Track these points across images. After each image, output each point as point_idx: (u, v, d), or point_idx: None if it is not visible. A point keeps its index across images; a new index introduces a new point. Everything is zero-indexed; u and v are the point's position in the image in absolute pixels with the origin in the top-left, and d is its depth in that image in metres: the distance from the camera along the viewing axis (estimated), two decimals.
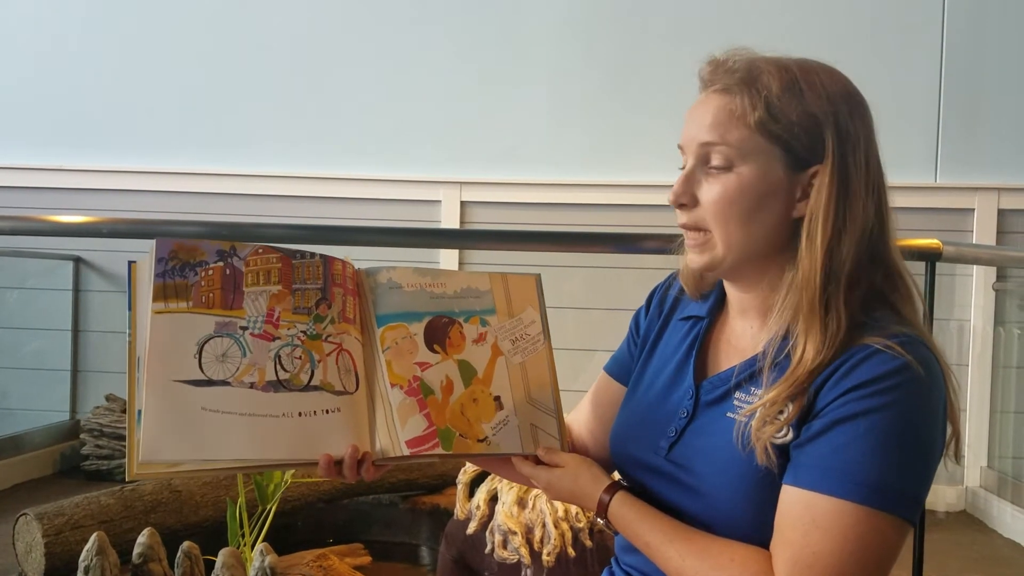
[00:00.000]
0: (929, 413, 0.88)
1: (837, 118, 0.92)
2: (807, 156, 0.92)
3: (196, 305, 0.97)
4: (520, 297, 1.13)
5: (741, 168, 0.93)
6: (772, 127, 0.92)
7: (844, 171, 0.91)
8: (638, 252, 3.14)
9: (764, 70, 0.93)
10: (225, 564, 1.78)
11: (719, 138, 0.93)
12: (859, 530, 0.84)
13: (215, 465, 0.94)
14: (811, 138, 0.92)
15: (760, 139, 0.92)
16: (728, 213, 0.94)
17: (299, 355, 1.00)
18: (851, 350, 0.89)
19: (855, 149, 0.92)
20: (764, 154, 0.93)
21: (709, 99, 0.95)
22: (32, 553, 2.12)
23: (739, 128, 0.93)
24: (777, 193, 0.93)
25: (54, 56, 3.81)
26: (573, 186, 3.61)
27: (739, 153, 0.93)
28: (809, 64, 0.95)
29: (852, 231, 0.91)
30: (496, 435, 1.06)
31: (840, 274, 0.90)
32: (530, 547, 2.01)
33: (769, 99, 0.91)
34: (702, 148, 0.95)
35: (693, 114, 0.97)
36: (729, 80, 0.94)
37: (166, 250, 0.97)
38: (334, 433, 0.99)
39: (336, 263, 1.06)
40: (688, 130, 0.97)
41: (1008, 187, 3.47)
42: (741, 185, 0.93)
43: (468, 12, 3.70)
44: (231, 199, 3.69)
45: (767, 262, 0.96)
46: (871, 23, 3.56)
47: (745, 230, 0.94)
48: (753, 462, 0.90)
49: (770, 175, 0.93)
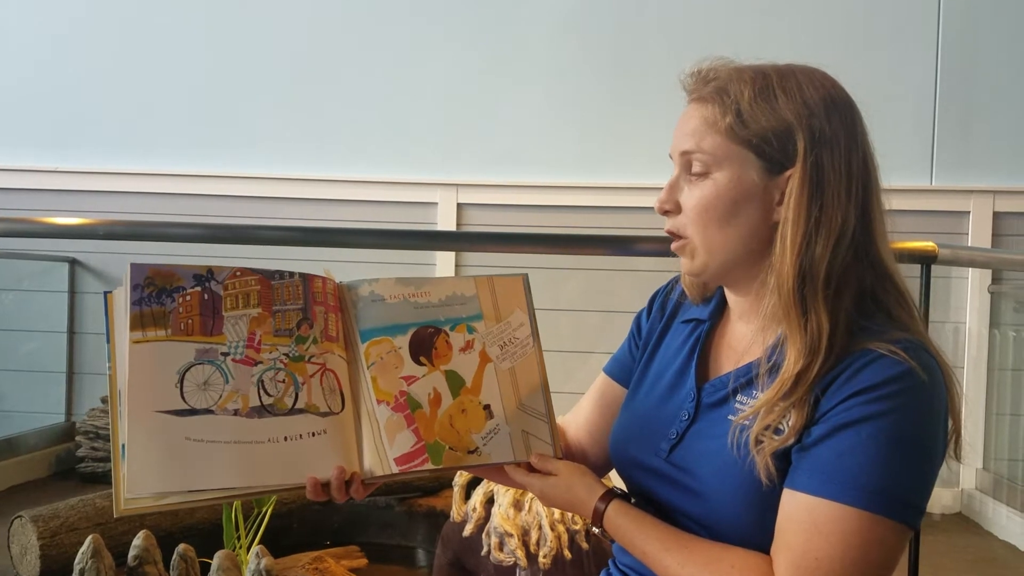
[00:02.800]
0: (931, 419, 0.88)
1: (811, 120, 0.92)
2: (781, 160, 0.93)
3: (175, 333, 0.95)
4: (507, 299, 1.12)
5: (716, 174, 0.95)
6: (742, 133, 0.93)
7: (817, 174, 0.92)
8: (633, 255, 3.16)
9: (738, 78, 0.95)
10: (221, 567, 1.77)
11: (695, 146, 0.96)
12: (862, 535, 0.84)
13: (203, 496, 0.92)
14: (783, 143, 0.93)
15: (732, 145, 0.94)
16: (705, 218, 0.96)
17: (282, 378, 0.98)
18: (853, 355, 0.89)
19: (832, 151, 0.92)
20: (738, 160, 0.94)
21: (689, 109, 0.99)
22: (27, 556, 2.12)
23: (712, 135, 0.95)
24: (753, 198, 0.94)
25: (51, 57, 3.81)
26: (569, 188, 3.61)
27: (714, 160, 0.95)
28: (792, 69, 0.96)
29: (827, 232, 0.91)
30: (487, 445, 1.05)
31: (816, 275, 0.91)
32: (526, 549, 2.01)
33: (740, 106, 0.93)
34: (683, 156, 0.98)
35: (678, 124, 0.99)
36: (704, 90, 0.97)
37: (141, 276, 0.95)
38: (321, 455, 0.97)
39: (316, 280, 1.04)
40: (673, 139, 1.00)
41: (1003, 190, 3.48)
42: (717, 191, 0.95)
43: (465, 15, 3.70)
44: (227, 201, 3.69)
45: (753, 266, 0.97)
46: (866, 27, 3.57)
47: (723, 234, 0.96)
48: (753, 466, 0.90)
49: (744, 180, 0.94)
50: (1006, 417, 3.39)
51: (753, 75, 0.95)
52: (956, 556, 2.86)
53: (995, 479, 3.32)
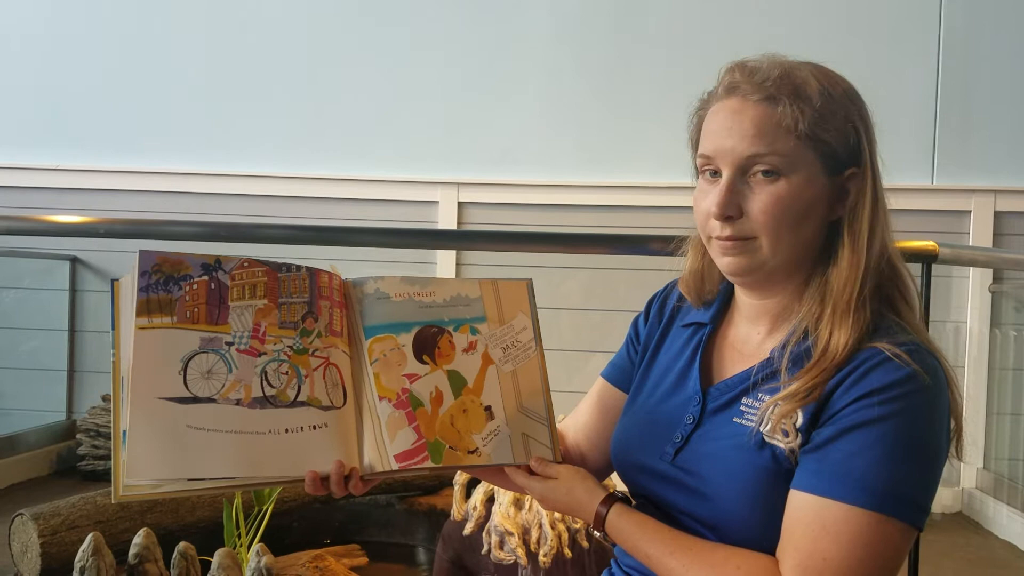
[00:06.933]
0: (936, 421, 0.89)
1: (865, 122, 0.96)
2: (846, 160, 0.95)
3: (181, 320, 0.95)
4: (511, 303, 1.12)
5: (791, 177, 0.93)
6: (822, 135, 0.93)
7: (876, 171, 0.95)
8: (634, 253, 3.15)
9: (803, 79, 0.94)
10: (221, 565, 1.77)
11: (768, 148, 0.92)
12: (869, 536, 0.85)
13: (201, 484, 0.92)
14: (851, 142, 0.94)
15: (806, 148, 0.93)
16: (780, 221, 0.93)
17: (285, 370, 0.98)
18: (860, 354, 0.90)
19: (876, 150, 0.96)
20: (810, 163, 0.94)
21: (747, 108, 0.94)
22: (28, 553, 2.12)
23: (786, 138, 0.92)
24: (821, 198, 0.95)
25: (52, 56, 3.81)
26: (569, 187, 3.61)
27: (788, 163, 0.93)
28: (821, 68, 0.97)
29: (882, 230, 0.95)
30: (487, 446, 1.05)
31: (875, 271, 0.94)
32: (527, 548, 2.01)
33: (815, 109, 0.92)
34: (747, 160, 0.94)
35: (727, 124, 0.95)
36: (770, 89, 0.93)
37: (149, 263, 0.95)
38: (321, 449, 0.97)
39: (323, 275, 1.04)
40: (723, 141, 0.95)
41: (1004, 189, 3.48)
42: (792, 193, 0.93)
43: (466, 14, 3.70)
44: (228, 199, 3.69)
45: (800, 267, 0.98)
46: (868, 26, 3.56)
47: (795, 236, 0.95)
48: (760, 466, 0.91)
49: (815, 182, 0.94)
50: (1007, 417, 3.39)
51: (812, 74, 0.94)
52: (956, 555, 2.86)
53: (995, 479, 3.32)
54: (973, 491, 3.38)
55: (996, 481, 3.30)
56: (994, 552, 2.94)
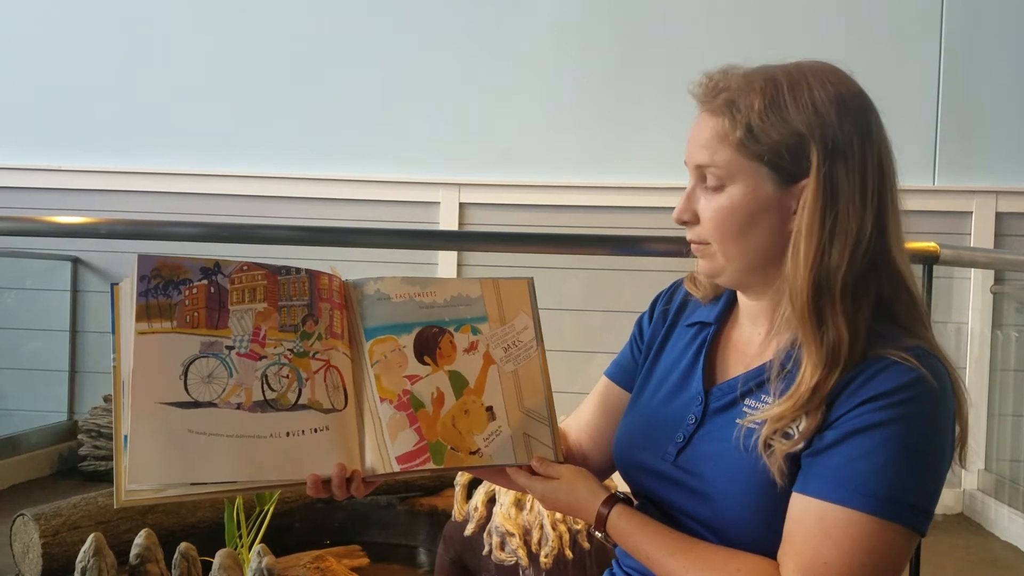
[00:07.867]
0: (941, 425, 0.88)
1: (824, 130, 0.91)
2: (794, 171, 0.92)
3: (180, 325, 0.94)
4: (512, 303, 1.11)
5: (731, 188, 0.94)
6: (754, 147, 0.92)
7: (831, 184, 0.90)
8: (636, 254, 3.16)
9: (748, 88, 0.93)
10: (222, 565, 1.78)
11: (709, 159, 0.95)
12: (871, 541, 0.84)
13: (203, 489, 0.92)
14: (795, 154, 0.91)
15: (745, 159, 0.93)
16: (723, 230, 0.95)
17: (286, 374, 0.98)
18: (867, 361, 0.89)
19: (846, 159, 0.91)
20: (751, 173, 0.93)
21: (701, 119, 0.97)
22: (29, 554, 2.12)
23: (724, 149, 0.93)
24: (769, 209, 0.93)
25: (54, 56, 3.81)
26: (571, 188, 3.61)
27: (728, 174, 0.94)
28: (802, 70, 0.94)
29: (842, 242, 0.90)
30: (488, 446, 1.04)
31: (832, 286, 0.90)
32: (528, 549, 2.01)
33: (750, 121, 0.91)
34: (697, 169, 0.97)
35: (691, 133, 0.98)
36: (715, 101, 0.95)
37: (148, 268, 0.95)
38: (323, 452, 0.97)
39: (322, 277, 1.04)
40: (687, 149, 0.98)
41: (1006, 190, 3.48)
42: (732, 204, 0.94)
43: (466, 15, 3.70)
44: (230, 200, 3.69)
45: (770, 272, 0.96)
46: (869, 28, 3.56)
47: (741, 245, 0.95)
48: (762, 468, 0.90)
49: (759, 193, 0.93)
50: (1008, 418, 3.39)
51: (763, 83, 0.93)
52: (958, 557, 2.86)
53: (997, 480, 3.31)
54: (974, 492, 3.37)
55: (997, 482, 3.30)
56: (995, 553, 2.94)
